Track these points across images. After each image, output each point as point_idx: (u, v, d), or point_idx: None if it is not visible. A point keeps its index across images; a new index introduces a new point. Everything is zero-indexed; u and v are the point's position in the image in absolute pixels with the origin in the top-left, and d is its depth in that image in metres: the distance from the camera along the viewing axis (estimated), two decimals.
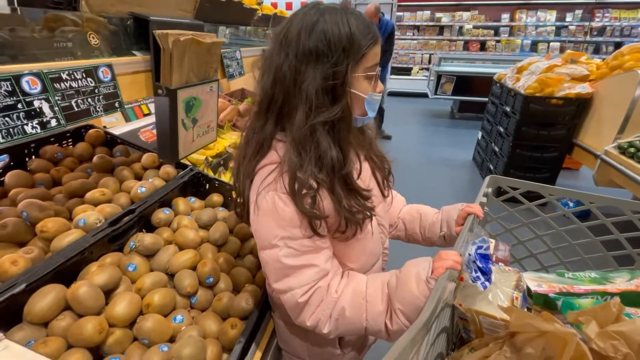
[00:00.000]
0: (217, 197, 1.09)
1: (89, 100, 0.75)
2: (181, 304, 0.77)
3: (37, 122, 0.64)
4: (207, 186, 1.14)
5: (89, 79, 0.74)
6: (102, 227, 0.79)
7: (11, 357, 0.51)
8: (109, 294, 0.71)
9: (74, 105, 0.71)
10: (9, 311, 0.60)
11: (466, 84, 5.36)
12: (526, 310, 0.62)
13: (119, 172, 1.03)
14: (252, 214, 0.63)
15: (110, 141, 1.19)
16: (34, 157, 1.02)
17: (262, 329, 0.80)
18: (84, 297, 0.63)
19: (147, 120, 1.71)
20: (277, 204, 0.57)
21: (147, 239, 0.82)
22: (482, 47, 7.03)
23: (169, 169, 1.07)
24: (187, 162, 1.23)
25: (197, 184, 1.14)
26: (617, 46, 6.07)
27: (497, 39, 6.89)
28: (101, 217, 0.82)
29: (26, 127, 0.62)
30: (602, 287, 0.59)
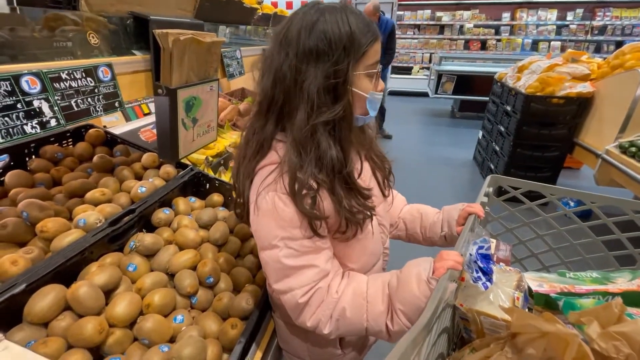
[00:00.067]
0: (217, 197, 1.09)
1: (89, 100, 0.74)
2: (181, 304, 0.77)
3: (36, 121, 0.64)
4: (208, 186, 1.14)
5: (88, 79, 0.74)
6: (102, 227, 0.79)
7: (11, 358, 0.51)
8: (109, 294, 0.71)
9: (73, 105, 0.71)
10: (8, 311, 0.59)
11: (467, 83, 5.35)
12: (527, 310, 0.62)
13: (119, 171, 1.03)
14: (252, 215, 0.63)
15: (110, 141, 1.18)
16: (34, 156, 1.02)
17: (263, 329, 0.80)
18: (84, 297, 0.63)
19: (147, 119, 1.70)
20: (277, 204, 0.57)
21: (147, 239, 0.82)
22: (483, 46, 7.02)
23: (169, 169, 1.07)
24: (187, 161, 1.23)
25: (197, 184, 1.14)
26: (618, 45, 6.06)
27: (497, 38, 6.88)
28: (101, 217, 0.82)
29: (26, 127, 0.62)
30: (603, 287, 0.59)
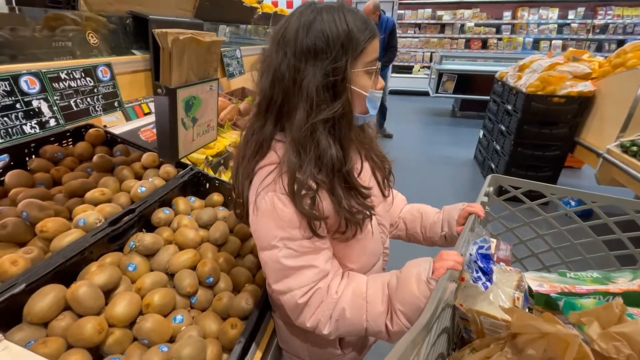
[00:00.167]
0: (217, 197, 1.09)
1: (88, 99, 0.74)
2: (181, 304, 0.77)
3: (35, 121, 0.64)
4: (207, 185, 1.14)
5: (88, 79, 0.74)
6: (102, 226, 0.79)
7: (11, 358, 0.51)
8: (109, 294, 0.71)
9: (72, 104, 0.71)
10: (8, 311, 0.60)
11: (468, 82, 5.34)
12: (528, 310, 0.61)
13: (119, 171, 1.03)
14: (251, 215, 0.62)
15: (110, 140, 1.18)
16: (34, 156, 1.02)
17: (263, 329, 0.80)
18: (83, 297, 0.63)
19: (147, 119, 1.70)
20: (276, 204, 0.57)
21: (147, 239, 0.82)
22: (484, 45, 7.01)
23: (169, 169, 1.07)
24: (187, 161, 1.23)
25: (197, 184, 1.14)
26: (620, 44, 6.03)
27: (498, 36, 6.86)
28: (101, 216, 0.82)
29: (25, 127, 0.62)
30: (604, 287, 0.59)
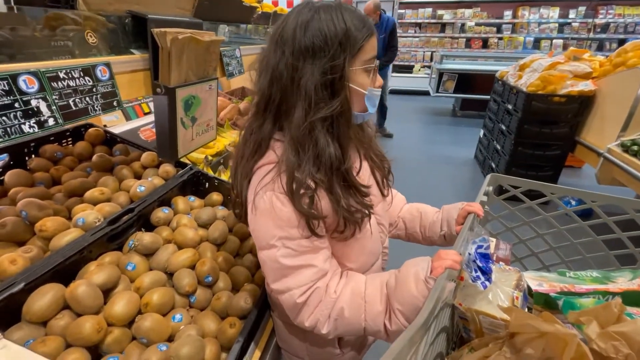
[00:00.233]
0: (216, 196, 1.09)
1: (87, 99, 0.74)
2: (180, 303, 0.77)
3: (34, 121, 0.64)
4: (207, 185, 1.14)
5: (86, 78, 0.74)
6: (101, 226, 0.79)
7: (10, 357, 0.51)
8: (108, 293, 0.71)
9: (71, 104, 0.71)
10: (7, 310, 0.60)
11: (468, 82, 5.34)
12: (527, 309, 0.61)
13: (118, 171, 1.03)
14: (249, 214, 0.62)
15: (110, 140, 1.19)
16: (33, 156, 1.02)
17: (262, 328, 0.80)
18: (82, 296, 0.63)
19: (147, 118, 1.71)
20: (274, 204, 0.57)
21: (146, 238, 0.82)
22: (485, 44, 6.99)
23: (168, 168, 1.07)
24: (186, 160, 1.23)
25: (196, 183, 1.14)
26: (621, 43, 6.01)
27: (499, 36, 6.85)
28: (100, 216, 0.82)
29: (23, 126, 0.62)
30: (603, 287, 0.59)
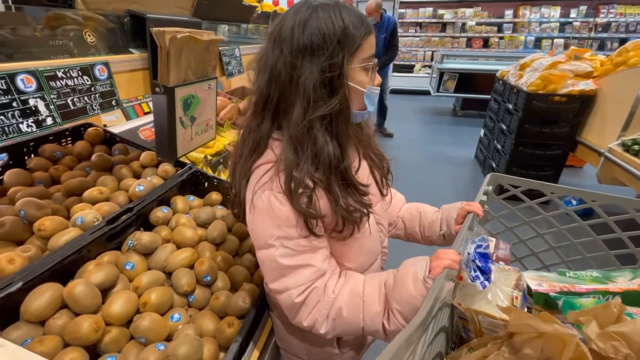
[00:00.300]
0: (216, 196, 1.09)
1: (85, 98, 0.74)
2: (178, 303, 0.77)
3: (32, 120, 0.64)
4: (206, 184, 1.14)
5: (85, 77, 0.74)
6: (99, 225, 0.79)
7: (7, 356, 0.51)
8: (106, 292, 0.70)
9: (70, 103, 0.71)
10: (5, 310, 0.59)
11: (469, 81, 5.33)
12: (526, 309, 0.61)
13: (117, 170, 1.03)
14: (248, 214, 0.62)
15: (109, 139, 1.18)
16: (32, 155, 1.02)
17: (260, 327, 0.80)
18: (80, 295, 0.63)
19: (147, 118, 1.70)
20: (273, 203, 0.57)
21: (144, 238, 0.82)
22: (485, 44, 6.98)
23: (167, 167, 1.07)
24: (186, 160, 1.23)
25: (195, 182, 1.14)
26: (622, 42, 5.97)
27: (500, 35, 6.84)
28: (99, 215, 0.82)
29: (21, 125, 0.62)
30: (603, 287, 0.58)
